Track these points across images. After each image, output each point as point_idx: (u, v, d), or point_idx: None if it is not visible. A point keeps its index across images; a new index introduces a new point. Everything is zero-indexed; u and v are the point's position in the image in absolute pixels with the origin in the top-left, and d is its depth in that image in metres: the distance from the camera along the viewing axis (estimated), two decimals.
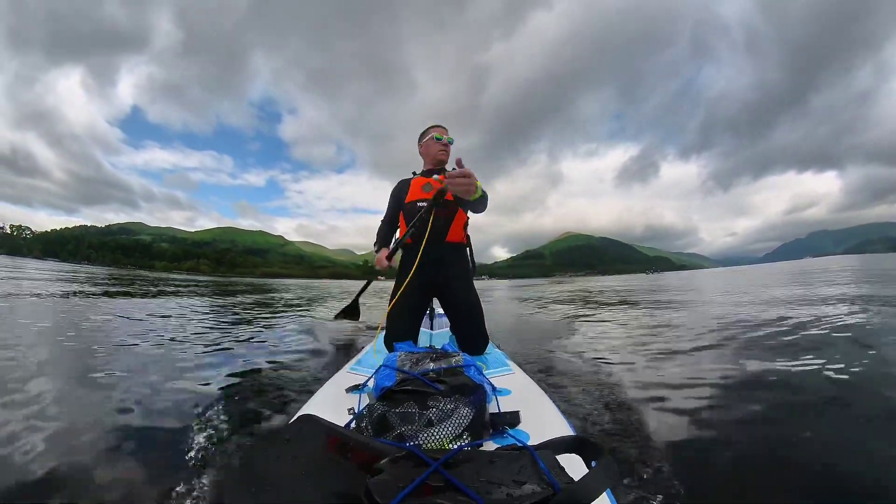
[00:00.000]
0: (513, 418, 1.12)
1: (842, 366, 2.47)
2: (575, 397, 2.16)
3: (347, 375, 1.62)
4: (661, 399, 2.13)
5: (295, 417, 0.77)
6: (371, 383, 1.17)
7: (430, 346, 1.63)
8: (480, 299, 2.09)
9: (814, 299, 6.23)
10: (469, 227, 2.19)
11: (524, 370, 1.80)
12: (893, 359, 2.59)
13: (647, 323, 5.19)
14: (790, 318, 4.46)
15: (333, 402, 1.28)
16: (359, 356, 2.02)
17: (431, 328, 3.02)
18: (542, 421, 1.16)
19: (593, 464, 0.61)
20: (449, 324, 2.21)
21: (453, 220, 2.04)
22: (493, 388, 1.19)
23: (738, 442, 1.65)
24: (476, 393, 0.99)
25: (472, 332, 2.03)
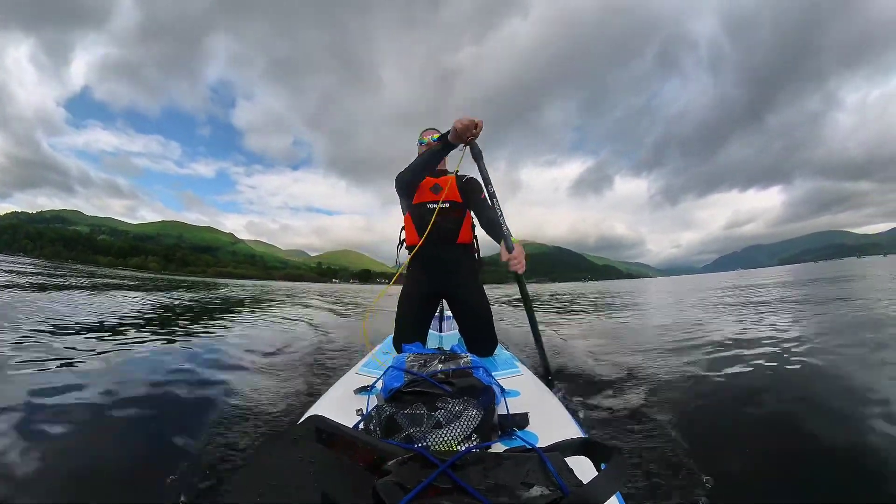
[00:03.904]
0: (521, 420, 1.11)
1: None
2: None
3: (356, 377, 1.62)
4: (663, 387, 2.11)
5: (303, 418, 0.77)
6: (379, 384, 1.18)
7: (439, 348, 1.63)
8: (489, 301, 2.09)
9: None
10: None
11: (533, 372, 1.78)
12: None
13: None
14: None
15: (342, 403, 1.29)
16: (367, 357, 2.03)
17: (440, 330, 3.02)
18: (551, 423, 1.15)
19: (603, 466, 0.60)
20: (457, 325, 2.21)
21: (463, 222, 2.03)
22: (502, 390, 1.18)
23: (758, 443, 1.63)
24: (484, 394, 0.99)
25: (480, 334, 2.02)
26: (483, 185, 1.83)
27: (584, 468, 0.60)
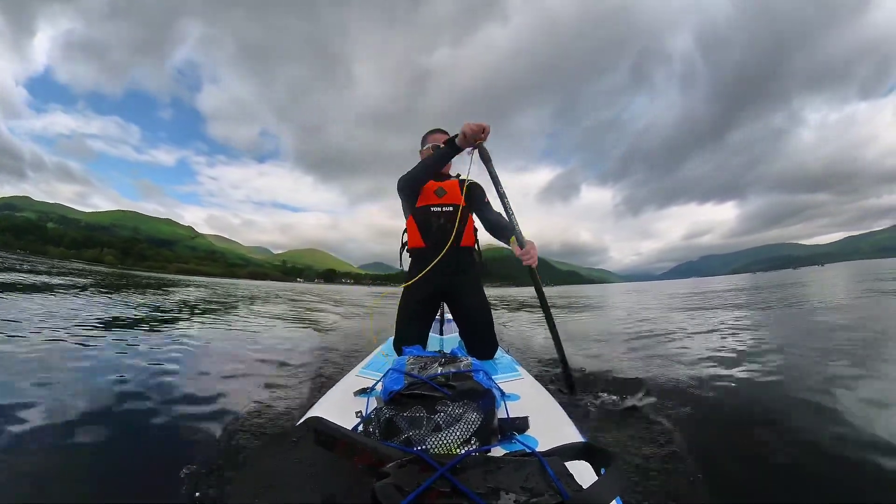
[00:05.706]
0: (521, 424, 1.10)
1: None
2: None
3: (356, 378, 1.62)
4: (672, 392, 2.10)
5: (302, 419, 0.77)
6: (379, 387, 1.17)
7: (439, 351, 1.62)
8: (489, 304, 2.08)
9: None
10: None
11: (534, 375, 1.78)
12: None
13: None
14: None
15: (341, 405, 1.28)
16: (368, 359, 2.02)
17: (441, 333, 3.01)
18: (551, 427, 1.15)
19: (603, 471, 0.59)
20: (458, 328, 2.20)
21: (466, 225, 2.03)
22: (502, 394, 1.18)
23: (758, 447, 1.63)
24: (484, 398, 0.98)
25: (481, 337, 2.02)
26: (494, 186, 1.83)
27: (583, 473, 0.60)
